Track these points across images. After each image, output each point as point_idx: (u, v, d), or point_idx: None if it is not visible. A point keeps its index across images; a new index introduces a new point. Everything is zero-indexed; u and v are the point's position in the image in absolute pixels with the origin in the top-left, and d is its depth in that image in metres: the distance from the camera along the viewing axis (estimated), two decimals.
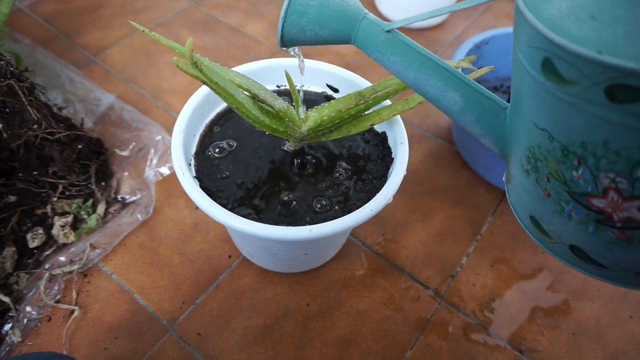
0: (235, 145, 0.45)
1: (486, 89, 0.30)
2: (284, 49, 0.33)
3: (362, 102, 0.38)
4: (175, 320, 0.49)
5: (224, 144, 0.45)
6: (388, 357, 0.48)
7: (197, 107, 0.44)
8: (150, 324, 0.48)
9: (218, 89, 0.32)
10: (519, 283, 0.54)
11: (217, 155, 0.44)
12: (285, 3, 0.30)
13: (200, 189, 0.38)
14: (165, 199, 0.58)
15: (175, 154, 0.40)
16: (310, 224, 0.37)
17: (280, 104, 0.39)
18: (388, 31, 0.29)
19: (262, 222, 0.36)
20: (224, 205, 0.38)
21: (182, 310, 0.49)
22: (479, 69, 0.44)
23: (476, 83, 0.30)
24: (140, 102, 0.68)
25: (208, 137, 0.45)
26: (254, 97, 0.38)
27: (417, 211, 0.59)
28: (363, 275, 0.53)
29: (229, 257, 0.53)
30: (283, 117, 0.39)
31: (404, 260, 0.55)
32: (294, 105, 0.40)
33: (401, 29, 0.80)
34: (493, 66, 0.41)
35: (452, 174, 0.64)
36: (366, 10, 0.31)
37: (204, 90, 0.45)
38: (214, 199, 0.38)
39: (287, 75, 0.37)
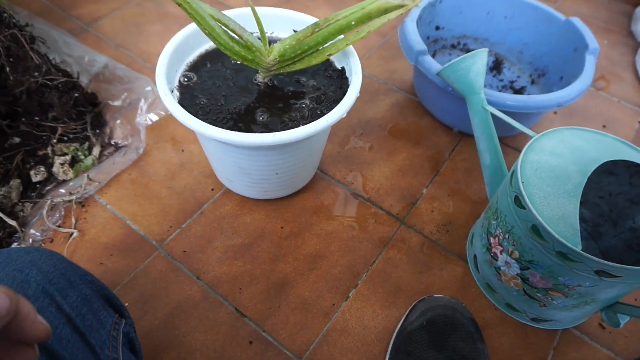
0: (214, 78, 0.51)
1: (505, 165, 0.51)
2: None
3: (317, 30, 0.45)
4: (164, 240, 0.55)
5: (204, 76, 0.51)
6: (354, 269, 0.54)
7: (179, 45, 0.50)
8: (141, 244, 0.54)
9: (191, 10, 0.39)
10: (472, 208, 0.61)
11: (196, 86, 0.50)
12: (449, 63, 0.52)
13: (178, 104, 0.44)
14: (154, 143, 0.64)
15: (159, 80, 0.46)
16: None
17: (248, 35, 0.45)
18: (484, 107, 0.52)
19: None
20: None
21: (169, 233, 0.55)
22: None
23: (502, 158, 0.51)
24: (131, 64, 0.74)
25: (189, 72, 0.51)
26: (226, 27, 0.44)
27: (381, 151, 0.66)
28: (331, 203, 0.60)
29: (212, 189, 0.60)
30: (250, 47, 0.45)
31: (369, 190, 0.61)
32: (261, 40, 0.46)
33: None
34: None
35: (414, 120, 0.70)
36: (483, 89, 0.52)
37: (184, 31, 0.51)
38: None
39: (252, 7, 0.44)
